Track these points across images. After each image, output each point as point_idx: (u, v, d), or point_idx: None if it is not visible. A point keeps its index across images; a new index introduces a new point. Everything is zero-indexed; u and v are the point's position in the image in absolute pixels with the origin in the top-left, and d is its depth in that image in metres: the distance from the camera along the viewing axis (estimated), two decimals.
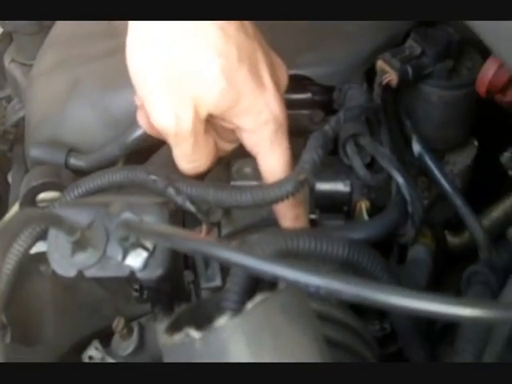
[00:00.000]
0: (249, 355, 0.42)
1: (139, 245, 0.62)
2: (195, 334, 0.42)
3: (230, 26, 0.68)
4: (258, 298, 0.43)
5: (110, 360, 0.78)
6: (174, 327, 0.44)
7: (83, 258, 0.62)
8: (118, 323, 0.76)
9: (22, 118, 1.08)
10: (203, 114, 0.67)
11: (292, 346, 0.43)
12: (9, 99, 1.19)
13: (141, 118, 0.74)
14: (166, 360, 0.46)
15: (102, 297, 0.83)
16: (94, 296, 0.84)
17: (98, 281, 0.79)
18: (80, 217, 0.63)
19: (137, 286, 0.75)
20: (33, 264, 0.78)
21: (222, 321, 0.42)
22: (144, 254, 0.62)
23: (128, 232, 0.57)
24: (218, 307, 0.45)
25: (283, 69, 0.74)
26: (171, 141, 0.69)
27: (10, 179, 1.15)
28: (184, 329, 0.42)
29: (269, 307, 0.43)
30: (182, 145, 0.69)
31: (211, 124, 0.71)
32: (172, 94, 0.67)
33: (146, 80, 0.68)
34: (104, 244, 0.62)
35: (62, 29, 0.99)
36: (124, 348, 0.77)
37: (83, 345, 0.79)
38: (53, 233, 0.63)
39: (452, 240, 0.87)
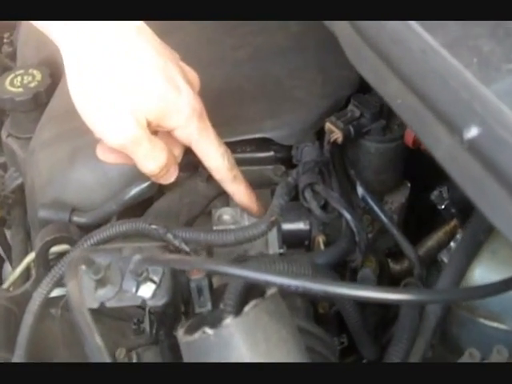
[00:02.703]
0: (248, 344, 0.57)
1: (149, 279, 0.73)
2: (210, 331, 0.56)
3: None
4: (252, 303, 0.58)
5: None
6: (192, 329, 0.59)
7: (104, 293, 0.73)
8: (120, 353, 0.83)
9: (19, 185, 1.15)
10: (143, 121, 0.75)
11: (277, 337, 0.58)
12: (3, 167, 1.22)
13: (100, 153, 0.82)
14: (186, 355, 0.60)
15: (101, 332, 0.91)
16: None
17: (99, 318, 0.91)
18: (98, 260, 0.74)
19: (135, 321, 0.89)
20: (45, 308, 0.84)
21: (228, 320, 0.56)
22: (153, 286, 0.73)
23: (148, 265, 0.69)
24: (222, 311, 0.60)
25: (193, 73, 0.83)
26: (129, 151, 0.76)
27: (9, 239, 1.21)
28: (201, 328, 0.57)
29: (259, 310, 0.58)
30: (138, 150, 0.76)
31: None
32: (114, 113, 0.73)
33: (91, 105, 0.74)
34: (120, 280, 0.73)
35: (57, 105, 1.04)
36: None
37: None
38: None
39: (394, 267, 0.94)
